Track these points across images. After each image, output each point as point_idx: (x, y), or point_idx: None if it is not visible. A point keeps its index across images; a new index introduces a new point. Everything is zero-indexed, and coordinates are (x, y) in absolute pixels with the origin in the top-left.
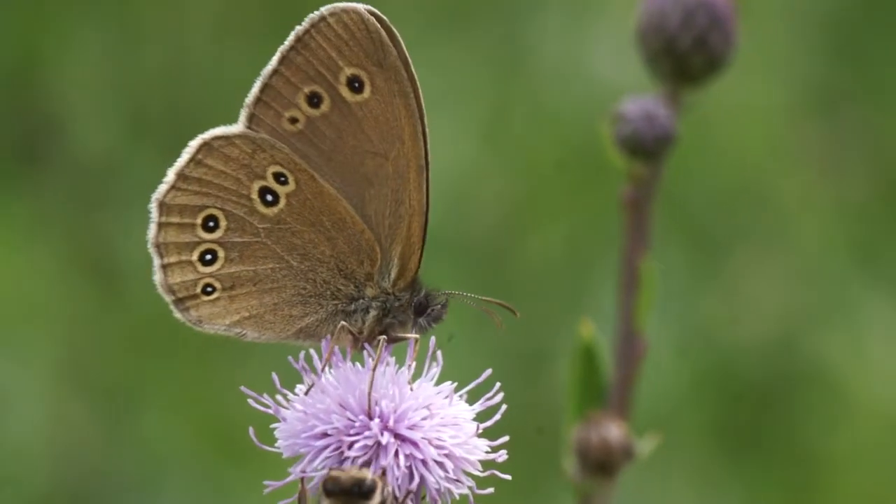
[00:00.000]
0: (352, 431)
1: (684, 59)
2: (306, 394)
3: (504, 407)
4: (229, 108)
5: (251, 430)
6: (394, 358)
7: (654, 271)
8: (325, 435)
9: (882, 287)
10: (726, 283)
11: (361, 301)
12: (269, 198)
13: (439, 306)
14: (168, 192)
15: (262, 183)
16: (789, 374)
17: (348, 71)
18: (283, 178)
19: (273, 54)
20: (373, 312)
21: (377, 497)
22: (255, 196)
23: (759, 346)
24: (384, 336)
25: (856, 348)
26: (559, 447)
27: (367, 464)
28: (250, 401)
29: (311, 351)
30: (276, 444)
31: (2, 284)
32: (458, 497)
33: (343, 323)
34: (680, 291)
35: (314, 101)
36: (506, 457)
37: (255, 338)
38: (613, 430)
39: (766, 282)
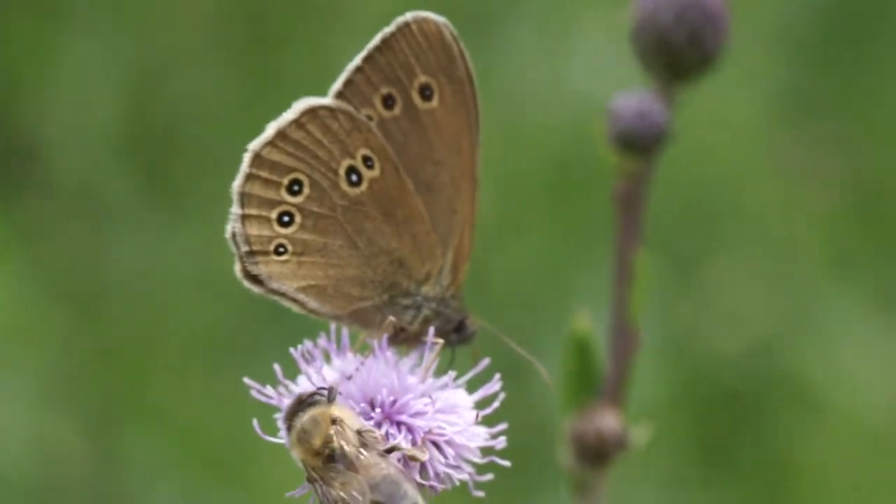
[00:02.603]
0: None
1: (678, 54)
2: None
3: (502, 395)
4: (207, 128)
5: (255, 422)
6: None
7: (647, 265)
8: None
9: (857, 296)
10: (703, 292)
11: (417, 298)
12: (354, 178)
13: (471, 331)
14: (265, 145)
15: (351, 162)
16: (765, 382)
17: (423, 78)
18: (370, 163)
19: (246, 79)
20: (425, 312)
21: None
22: (342, 172)
23: (735, 355)
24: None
25: (830, 357)
26: (553, 441)
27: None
28: (254, 392)
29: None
30: (278, 435)
31: None
32: (457, 483)
33: (391, 318)
34: (657, 300)
35: (388, 102)
36: (505, 444)
37: (315, 308)
38: (608, 420)
39: (742, 291)
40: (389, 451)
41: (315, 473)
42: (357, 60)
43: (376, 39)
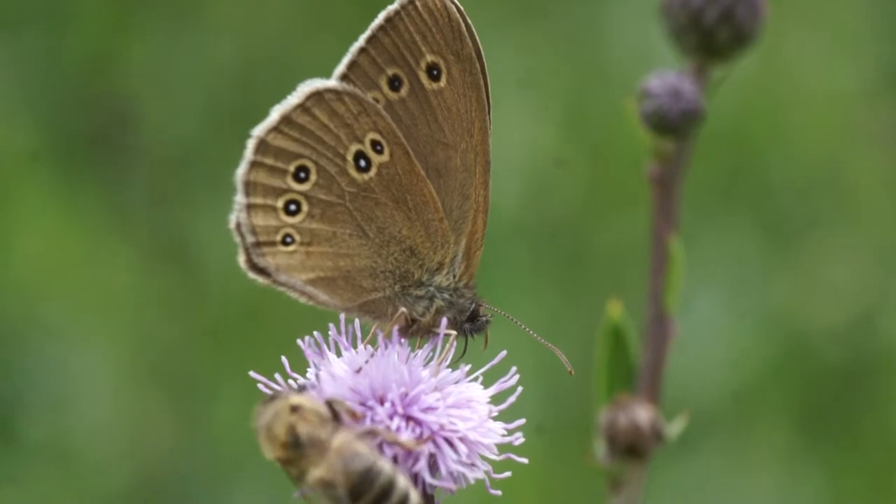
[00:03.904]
0: (365, 416)
1: (710, 33)
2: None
3: (520, 389)
4: None
5: None
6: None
7: (681, 250)
8: None
9: None
10: (803, 267)
11: (430, 289)
12: (363, 163)
13: (485, 320)
14: (270, 131)
15: (359, 147)
16: (868, 356)
17: (429, 58)
18: (379, 147)
19: (352, 41)
20: (438, 302)
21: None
22: (349, 158)
23: (838, 329)
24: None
25: None
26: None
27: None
28: (260, 385)
29: (318, 335)
30: None
31: (80, 275)
32: (472, 481)
33: (403, 309)
34: (757, 275)
35: (395, 84)
36: (523, 440)
37: (324, 300)
38: (642, 413)
39: (843, 264)
40: (370, 434)
41: (292, 469)
42: (360, 41)
43: (380, 19)
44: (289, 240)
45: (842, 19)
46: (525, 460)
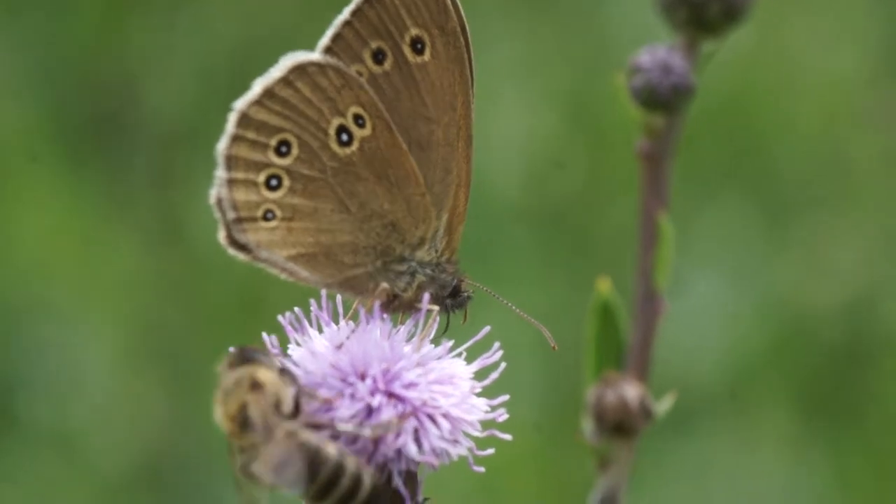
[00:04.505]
0: (345, 393)
1: (701, 7)
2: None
3: (503, 365)
4: None
5: None
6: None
7: (670, 227)
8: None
9: None
10: (804, 248)
11: (412, 264)
12: (345, 137)
13: (466, 296)
14: (251, 104)
15: (342, 121)
16: (870, 337)
17: (413, 31)
18: (361, 121)
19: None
20: (420, 278)
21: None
22: (331, 132)
23: (839, 310)
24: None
25: None
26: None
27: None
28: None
29: (299, 310)
30: None
31: (80, 258)
32: (455, 458)
33: (385, 285)
34: (758, 256)
35: (379, 57)
36: (506, 416)
37: (305, 277)
38: (630, 390)
39: (844, 246)
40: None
41: (234, 441)
42: (345, 14)
43: None
44: (270, 215)
45: (844, 1)
46: (509, 437)
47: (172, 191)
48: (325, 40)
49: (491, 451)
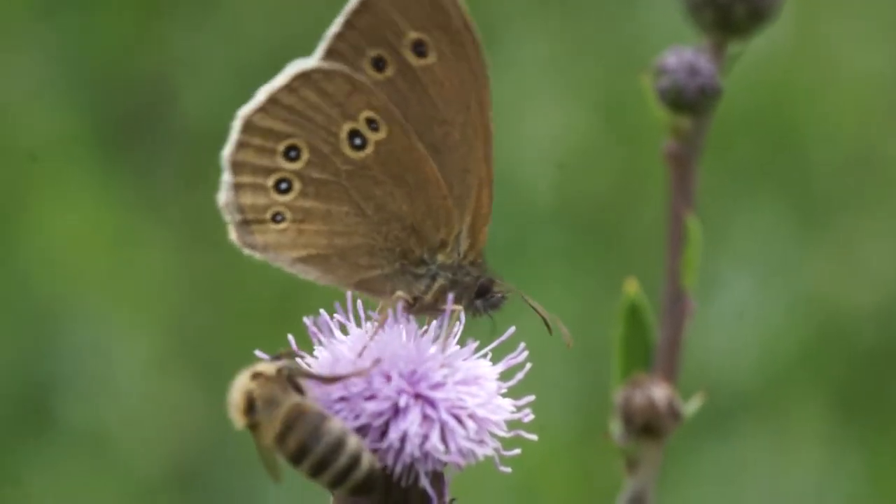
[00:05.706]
0: (367, 395)
1: (727, 9)
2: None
3: (529, 366)
4: None
5: None
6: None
7: (698, 228)
8: (341, 399)
9: None
10: (839, 247)
11: (431, 267)
12: (358, 141)
13: (500, 295)
14: (256, 112)
15: (353, 125)
16: None
17: (413, 34)
18: (374, 125)
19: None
20: (440, 281)
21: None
22: (343, 136)
23: (873, 310)
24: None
25: None
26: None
27: (385, 426)
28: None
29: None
30: None
31: (113, 258)
32: (481, 458)
33: (399, 293)
34: (792, 255)
35: (379, 65)
36: (532, 417)
37: (317, 277)
38: (658, 392)
39: (880, 245)
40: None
41: (258, 437)
42: (336, 27)
43: (353, 2)
44: (279, 217)
45: (877, 1)
46: (534, 437)
47: (205, 191)
48: (318, 56)
49: (517, 451)
